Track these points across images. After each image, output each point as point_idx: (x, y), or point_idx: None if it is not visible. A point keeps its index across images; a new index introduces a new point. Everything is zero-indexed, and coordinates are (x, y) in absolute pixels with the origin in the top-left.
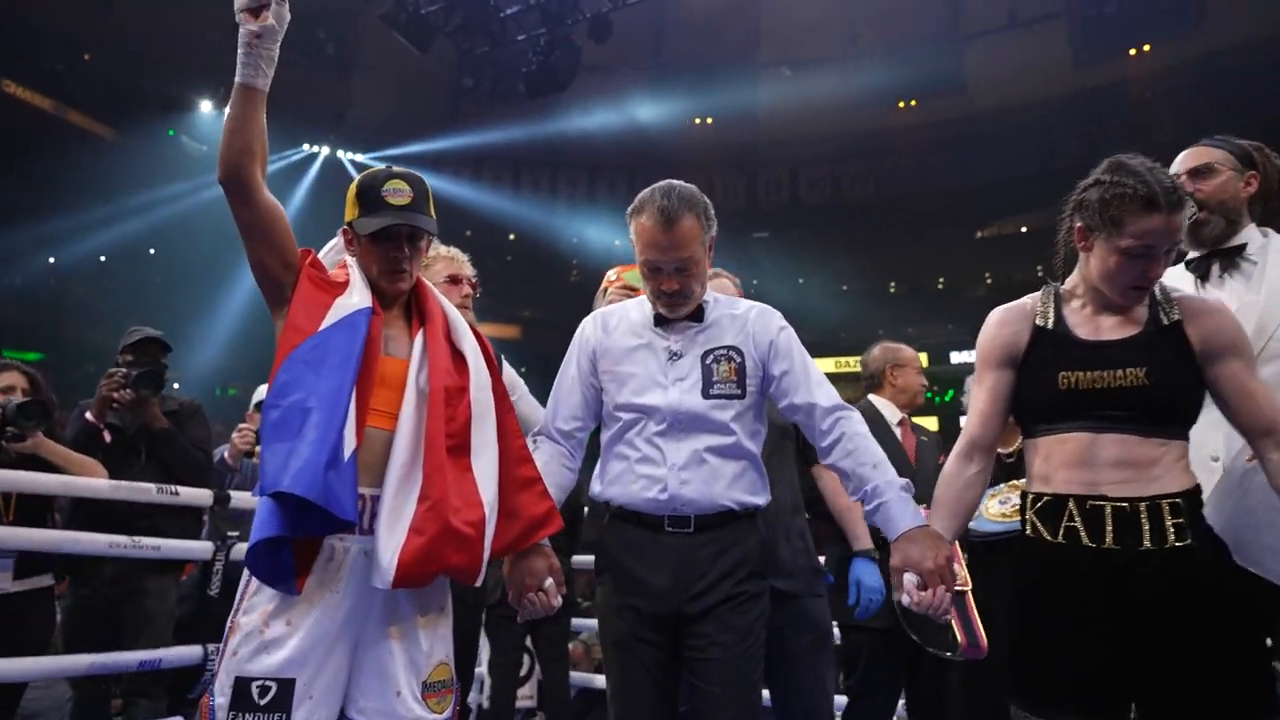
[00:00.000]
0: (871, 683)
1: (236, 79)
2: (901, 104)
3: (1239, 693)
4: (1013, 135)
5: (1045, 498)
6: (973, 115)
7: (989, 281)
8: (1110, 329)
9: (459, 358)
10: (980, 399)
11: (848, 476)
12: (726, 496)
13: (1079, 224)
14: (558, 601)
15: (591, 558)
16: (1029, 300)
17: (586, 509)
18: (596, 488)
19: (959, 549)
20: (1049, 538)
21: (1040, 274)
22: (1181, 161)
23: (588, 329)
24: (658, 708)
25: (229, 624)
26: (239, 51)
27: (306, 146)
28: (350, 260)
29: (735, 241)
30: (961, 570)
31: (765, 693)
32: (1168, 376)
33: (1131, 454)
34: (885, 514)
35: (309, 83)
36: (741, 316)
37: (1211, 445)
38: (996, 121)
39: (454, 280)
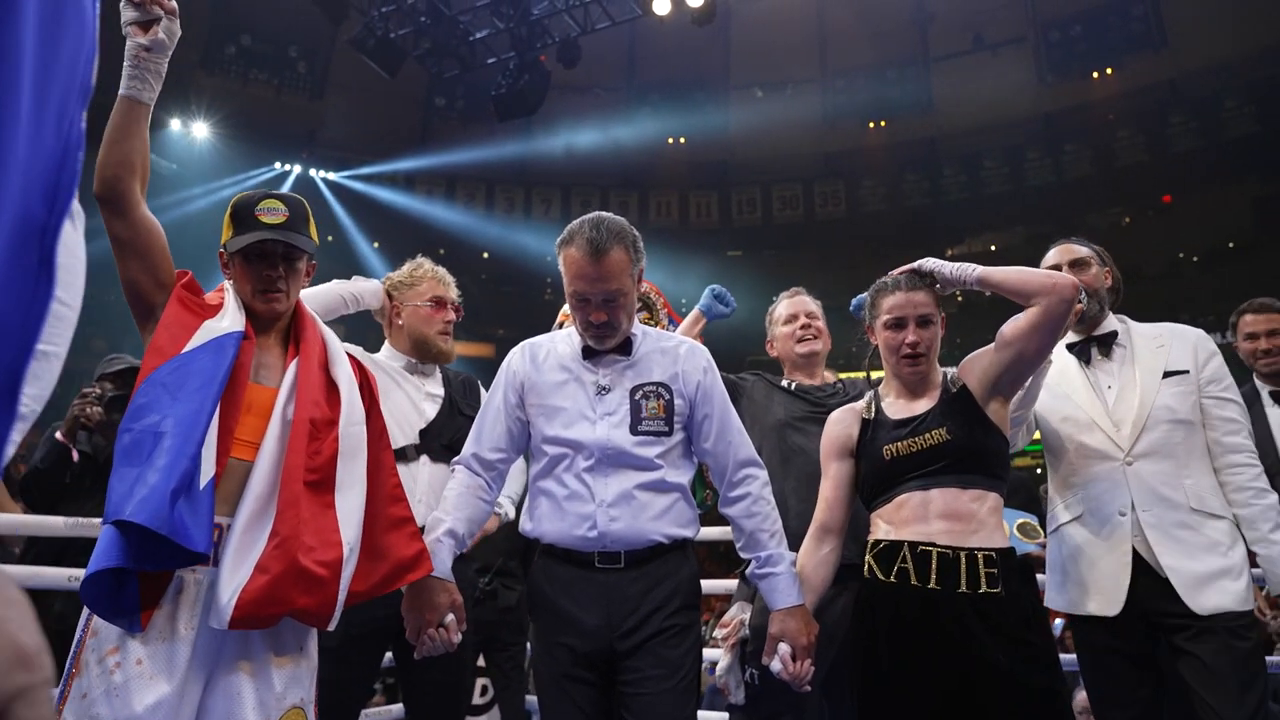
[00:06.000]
0: None
1: (121, 91)
2: (871, 125)
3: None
4: (981, 155)
5: (883, 544)
6: (941, 136)
7: (959, 299)
8: (916, 407)
9: (333, 390)
10: (826, 488)
11: (744, 533)
12: (655, 530)
13: (867, 324)
14: (457, 638)
15: None
16: (858, 403)
17: None
18: (527, 524)
19: None
20: (882, 577)
21: None
22: (1058, 254)
23: (514, 361)
24: None
25: (71, 662)
26: (125, 64)
27: (279, 165)
28: (227, 284)
29: (709, 259)
30: None
31: None
32: (964, 430)
33: (953, 506)
34: (773, 584)
35: (281, 102)
36: (671, 352)
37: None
38: (965, 142)
39: (439, 303)
